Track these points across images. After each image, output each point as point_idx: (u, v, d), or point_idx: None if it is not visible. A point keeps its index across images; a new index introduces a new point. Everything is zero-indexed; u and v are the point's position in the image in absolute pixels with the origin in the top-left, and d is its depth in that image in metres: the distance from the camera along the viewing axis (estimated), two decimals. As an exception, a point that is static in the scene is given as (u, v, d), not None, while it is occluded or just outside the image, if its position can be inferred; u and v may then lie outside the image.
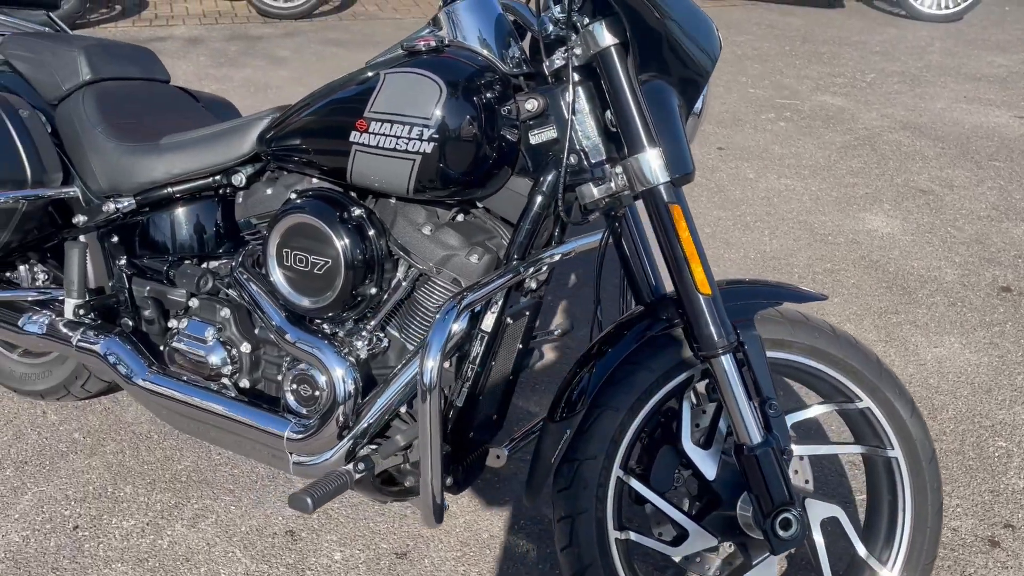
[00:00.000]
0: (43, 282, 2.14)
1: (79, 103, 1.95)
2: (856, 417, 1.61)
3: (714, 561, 1.58)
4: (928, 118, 4.93)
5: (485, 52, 1.56)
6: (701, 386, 1.62)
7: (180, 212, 1.90)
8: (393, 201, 1.66)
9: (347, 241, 1.59)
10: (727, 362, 1.42)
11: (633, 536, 1.56)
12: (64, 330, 1.93)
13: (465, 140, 1.48)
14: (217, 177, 1.85)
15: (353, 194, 1.69)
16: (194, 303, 1.91)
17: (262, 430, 1.72)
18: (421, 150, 1.48)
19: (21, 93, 2.03)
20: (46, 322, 1.96)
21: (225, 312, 1.87)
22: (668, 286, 1.56)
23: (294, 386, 1.73)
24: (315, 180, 1.74)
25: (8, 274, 2.17)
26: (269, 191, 1.78)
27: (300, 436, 1.68)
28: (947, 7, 7.47)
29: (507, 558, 1.93)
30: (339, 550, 1.93)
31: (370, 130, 1.52)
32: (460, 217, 1.67)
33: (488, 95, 1.50)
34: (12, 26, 2.29)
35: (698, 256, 1.41)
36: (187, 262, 1.91)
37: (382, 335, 1.74)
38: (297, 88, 5.18)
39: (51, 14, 2.29)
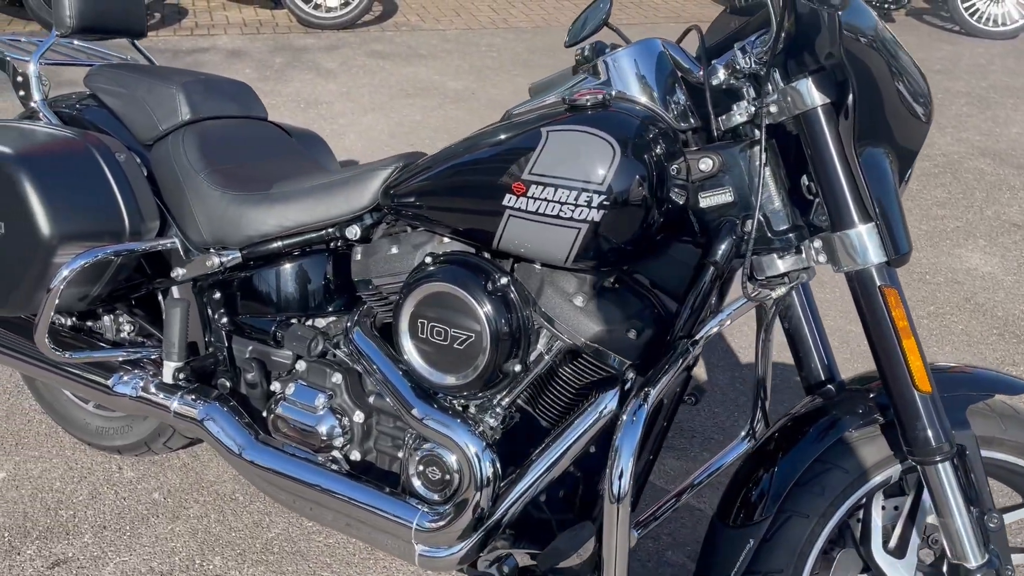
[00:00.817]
0: (128, 333, 1.98)
1: (179, 145, 1.79)
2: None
3: None
4: (1006, 144, 4.73)
5: (652, 104, 1.39)
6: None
7: (288, 267, 1.74)
8: (538, 267, 1.49)
9: (493, 313, 1.42)
10: (944, 470, 1.25)
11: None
12: (160, 394, 1.77)
13: (636, 205, 1.32)
14: (330, 230, 1.69)
15: (489, 256, 1.52)
16: (301, 366, 1.75)
17: (388, 517, 1.55)
18: (588, 218, 1.32)
19: (112, 131, 1.88)
20: (140, 384, 1.80)
21: (336, 377, 1.71)
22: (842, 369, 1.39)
23: (420, 467, 1.56)
24: (446, 239, 1.58)
25: (90, 323, 2.02)
26: (394, 250, 1.61)
27: (432, 527, 1.51)
28: (1004, 23, 7.26)
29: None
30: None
31: (529, 194, 1.35)
32: (609, 283, 1.50)
33: (660, 154, 1.34)
34: (95, 54, 2.14)
35: (917, 348, 1.23)
36: (295, 322, 1.75)
37: (514, 411, 1.58)
38: (347, 103, 5.03)
39: (135, 41, 2.14)
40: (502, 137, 1.42)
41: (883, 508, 1.40)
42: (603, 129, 1.32)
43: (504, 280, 1.44)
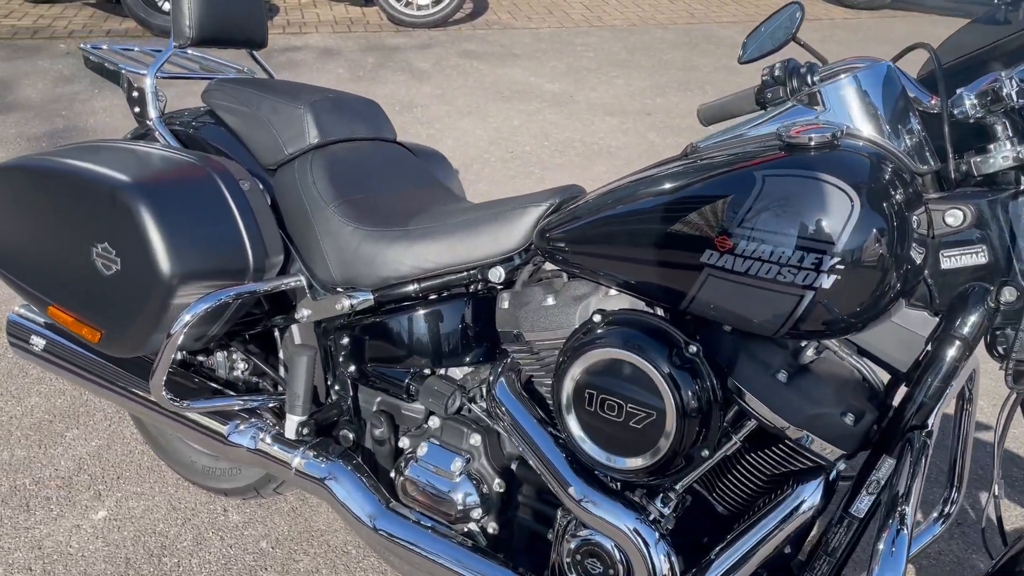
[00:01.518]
0: (243, 372, 1.82)
1: (306, 172, 1.61)
2: None
3: None
4: None
5: (886, 143, 1.15)
6: None
7: (423, 311, 1.54)
8: (729, 330, 1.26)
9: (680, 389, 1.20)
10: None
11: None
12: (281, 450, 1.60)
13: (873, 267, 1.08)
14: (472, 272, 1.49)
15: (667, 315, 1.30)
16: (434, 422, 1.56)
17: (540, 614, 1.35)
18: (815, 283, 1.08)
19: (232, 153, 1.71)
20: (258, 435, 1.63)
21: (475, 439, 1.51)
22: None
23: (578, 557, 1.35)
24: (612, 291, 1.36)
25: (202, 358, 1.86)
26: (550, 301, 1.40)
27: (594, 629, 1.30)
28: None
29: None
30: None
31: (737, 250, 1.12)
32: (819, 355, 1.26)
33: (901, 205, 1.09)
34: (212, 66, 1.98)
35: None
36: (430, 374, 1.55)
37: (687, 496, 1.35)
38: (442, 106, 4.86)
39: (254, 53, 1.98)
40: (695, 178, 1.19)
41: None
42: (837, 175, 1.08)
43: (693, 348, 1.22)
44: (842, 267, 1.07)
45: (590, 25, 6.94)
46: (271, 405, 1.68)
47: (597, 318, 1.29)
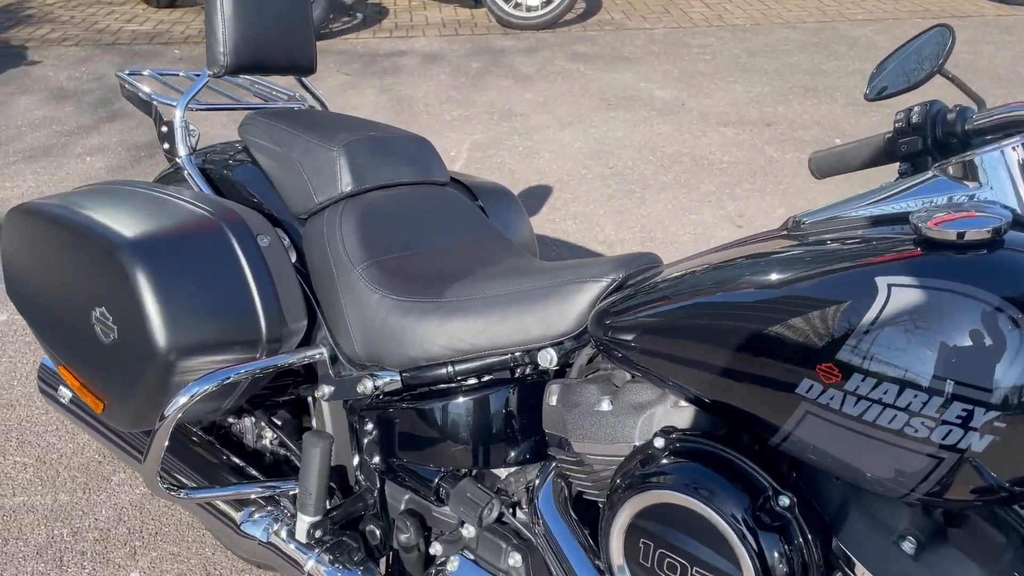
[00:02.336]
0: (271, 441, 1.62)
1: (335, 227, 1.39)
2: None
3: None
4: None
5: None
6: None
7: (457, 399, 1.28)
8: (837, 480, 0.94)
9: (766, 554, 0.89)
10: None
11: None
12: (295, 548, 1.39)
13: None
14: (517, 354, 1.23)
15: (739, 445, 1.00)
16: (469, 531, 1.30)
17: None
18: (966, 444, 0.76)
19: (263, 199, 1.51)
20: (272, 528, 1.42)
21: (515, 559, 1.25)
22: None
23: None
24: (683, 403, 1.06)
25: (232, 420, 1.68)
26: (605, 406, 1.11)
27: None
28: None
29: None
30: None
31: (847, 386, 0.81)
32: (956, 519, 0.93)
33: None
34: (256, 92, 1.79)
35: None
36: (464, 474, 1.30)
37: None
38: (543, 115, 4.60)
39: (304, 80, 1.77)
40: (796, 272, 0.89)
41: None
42: (998, 290, 0.75)
43: (786, 501, 0.91)
44: (1004, 424, 0.74)
45: (709, 25, 6.51)
46: (292, 492, 1.47)
47: (660, 443, 1.00)
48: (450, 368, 1.26)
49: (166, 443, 1.31)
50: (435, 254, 1.40)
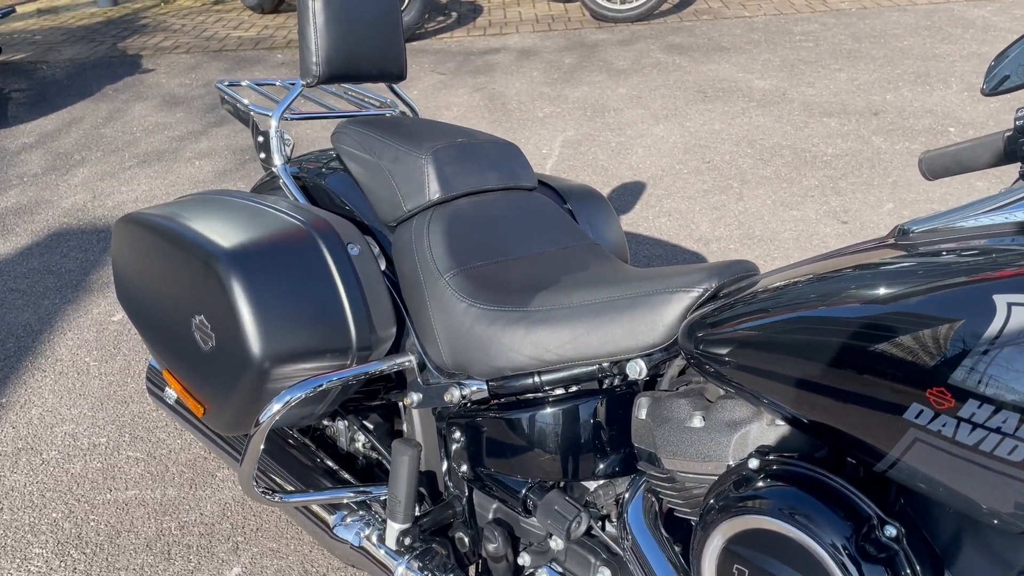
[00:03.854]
0: (363, 445, 1.65)
1: (423, 235, 1.39)
2: None
3: None
4: None
5: None
6: None
7: (545, 410, 1.26)
8: (950, 509, 0.88)
9: (873, 588, 0.84)
10: None
11: None
12: (386, 554, 1.40)
13: None
14: (605, 365, 1.20)
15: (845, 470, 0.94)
16: (557, 544, 1.28)
17: None
18: (1094, 480, 0.69)
19: (355, 207, 1.53)
20: (363, 532, 1.44)
21: (604, 574, 1.22)
22: None
23: None
24: (779, 421, 1.01)
25: (327, 423, 1.71)
26: (697, 422, 1.07)
27: None
28: None
29: None
30: None
31: (960, 412, 0.75)
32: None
33: None
34: (350, 99, 1.82)
35: None
36: (552, 486, 1.28)
37: None
38: (637, 110, 4.52)
39: (395, 87, 1.79)
40: (902, 289, 0.83)
41: None
42: None
43: (892, 531, 0.85)
44: None
45: (813, 10, 6.27)
46: (383, 498, 1.48)
47: (755, 464, 0.96)
48: (536, 378, 1.24)
49: (261, 448, 1.34)
50: (522, 262, 1.39)
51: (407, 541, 1.37)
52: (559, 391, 1.26)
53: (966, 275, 0.78)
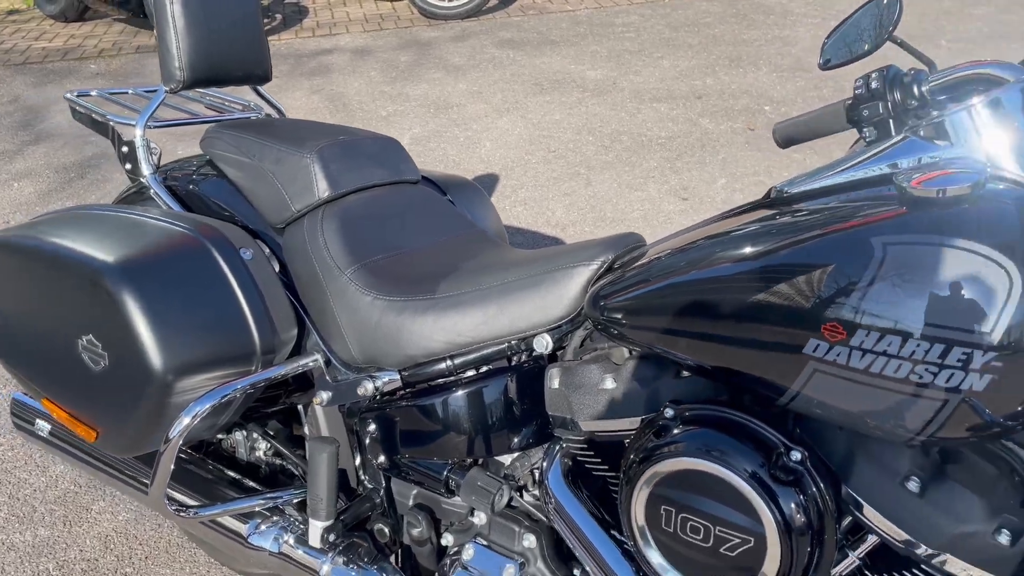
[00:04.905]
0: (265, 452, 1.62)
1: (317, 234, 1.39)
2: None
3: None
4: None
5: (1043, 186, 0.87)
6: None
7: (458, 392, 1.31)
8: (840, 430, 1.00)
9: (785, 507, 0.95)
10: None
11: None
12: (306, 554, 1.40)
13: None
14: (513, 342, 1.26)
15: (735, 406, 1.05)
16: (480, 518, 1.33)
17: None
18: (965, 386, 0.82)
19: (236, 211, 1.50)
20: (281, 537, 1.43)
21: (529, 540, 1.29)
22: None
23: None
24: (685, 373, 1.11)
25: (221, 437, 1.67)
26: (609, 383, 1.15)
27: None
28: None
29: None
30: None
31: (852, 342, 0.86)
32: (955, 457, 1.00)
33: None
34: (213, 105, 1.77)
35: None
36: (471, 464, 1.33)
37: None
38: (479, 104, 4.61)
39: (259, 88, 1.76)
40: (789, 239, 0.94)
41: None
42: (987, 242, 0.81)
43: (797, 455, 0.96)
44: (1000, 363, 0.80)
45: (631, 2, 6.59)
46: (296, 501, 1.47)
47: (670, 413, 1.05)
48: (449, 362, 1.29)
49: (172, 465, 1.30)
50: (419, 253, 1.42)
51: (331, 538, 1.37)
52: (470, 372, 1.30)
53: (843, 222, 0.89)
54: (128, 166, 1.58)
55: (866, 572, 1.04)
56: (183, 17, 1.50)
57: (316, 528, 1.36)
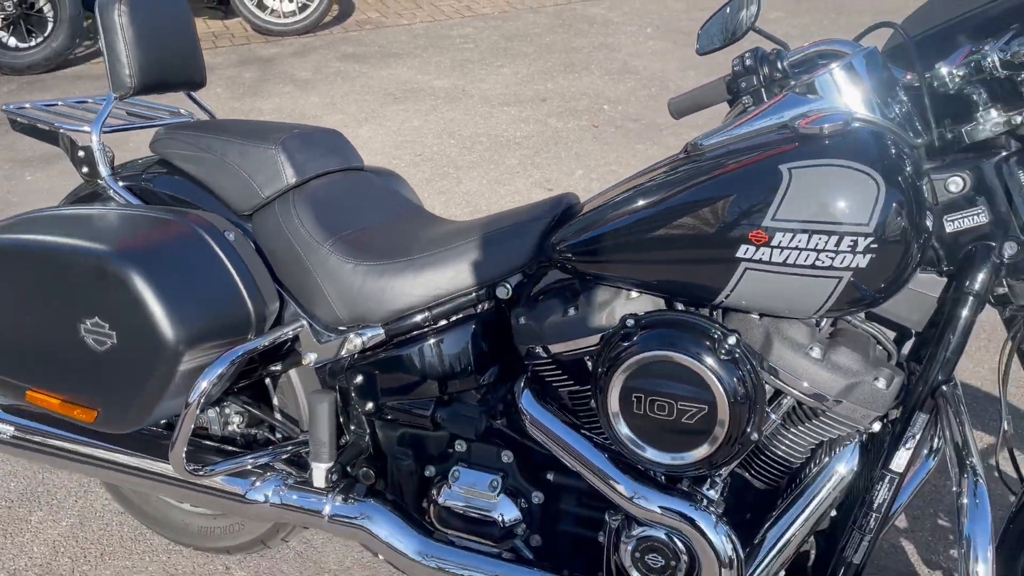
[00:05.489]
0: (238, 425, 1.75)
1: (291, 215, 1.56)
2: None
3: None
4: None
5: (886, 123, 1.22)
6: None
7: (435, 339, 1.53)
8: (758, 317, 1.31)
9: (728, 380, 1.24)
10: None
11: None
12: (308, 500, 1.56)
13: (901, 241, 1.16)
14: (480, 292, 1.49)
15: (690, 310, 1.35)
16: (461, 446, 1.56)
17: (610, 615, 1.38)
18: (853, 264, 1.15)
19: (199, 203, 1.64)
20: (280, 489, 1.58)
21: (507, 456, 1.53)
22: None
23: (637, 555, 1.39)
24: (634, 294, 1.39)
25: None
26: (572, 311, 1.41)
27: (669, 621, 1.34)
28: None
29: None
30: None
31: (773, 243, 1.17)
32: (843, 327, 1.34)
33: (913, 179, 1.17)
34: (150, 113, 1.88)
35: None
36: (455, 401, 1.55)
37: (728, 478, 1.42)
38: (336, 115, 4.75)
39: (194, 94, 1.88)
40: (715, 175, 1.24)
41: None
42: (858, 160, 1.14)
43: (732, 340, 1.26)
44: (876, 245, 1.13)
45: (462, 16, 6.91)
46: (283, 457, 1.62)
47: (631, 322, 1.32)
48: (427, 313, 1.50)
49: (191, 428, 1.43)
50: (382, 227, 1.62)
51: (334, 478, 1.54)
52: (443, 321, 1.53)
53: (756, 155, 1.20)
54: (85, 169, 1.67)
55: (783, 431, 1.36)
56: (131, 28, 1.62)
57: (320, 470, 1.53)
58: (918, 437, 1.28)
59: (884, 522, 1.32)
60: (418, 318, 1.51)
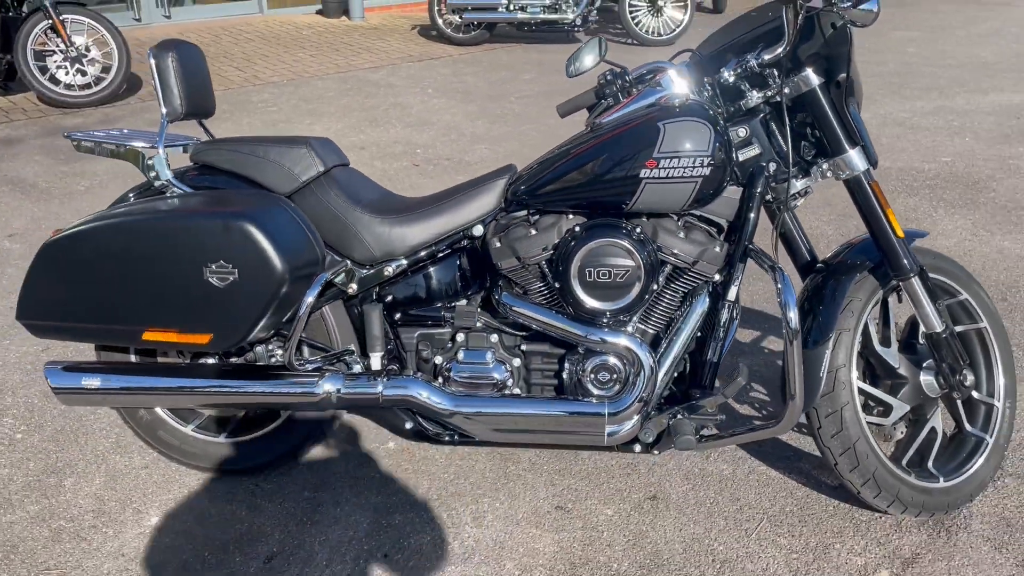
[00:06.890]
0: (279, 358, 2.35)
1: (327, 191, 2.25)
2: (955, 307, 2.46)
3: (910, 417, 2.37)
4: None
5: (704, 100, 2.20)
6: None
7: (436, 265, 2.29)
8: (646, 219, 2.22)
9: (642, 252, 2.13)
10: (916, 283, 2.21)
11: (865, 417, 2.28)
12: (364, 386, 2.21)
13: (722, 162, 2.11)
14: (467, 230, 2.28)
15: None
16: (460, 338, 2.31)
17: (584, 414, 2.18)
18: (700, 174, 2.09)
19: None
20: (341, 381, 2.21)
21: (494, 337, 2.30)
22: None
23: (592, 375, 2.22)
24: (570, 215, 2.24)
25: (235, 360, 2.35)
26: (532, 232, 2.23)
27: (620, 411, 2.17)
28: (661, 33, 9.06)
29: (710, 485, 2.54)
30: (605, 509, 2.42)
31: (660, 166, 2.09)
32: (692, 219, 2.28)
33: (725, 129, 2.14)
34: (174, 135, 2.44)
35: (892, 213, 2.18)
36: (457, 304, 2.30)
37: (635, 322, 2.30)
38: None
39: (203, 122, 2.48)
40: (617, 133, 2.13)
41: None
42: (699, 116, 2.09)
43: (639, 228, 2.16)
44: (713, 163, 2.08)
45: (252, 85, 7.47)
46: (331, 364, 2.27)
47: (577, 229, 2.17)
48: (431, 248, 2.25)
49: (301, 332, 2.07)
50: (385, 198, 2.35)
51: (386, 362, 2.22)
52: (440, 253, 2.29)
53: (641, 119, 2.12)
54: (153, 173, 2.23)
55: (663, 290, 2.26)
56: (179, 70, 2.23)
57: (377, 357, 2.20)
58: (740, 278, 2.24)
59: (727, 332, 2.26)
60: (429, 250, 2.25)
